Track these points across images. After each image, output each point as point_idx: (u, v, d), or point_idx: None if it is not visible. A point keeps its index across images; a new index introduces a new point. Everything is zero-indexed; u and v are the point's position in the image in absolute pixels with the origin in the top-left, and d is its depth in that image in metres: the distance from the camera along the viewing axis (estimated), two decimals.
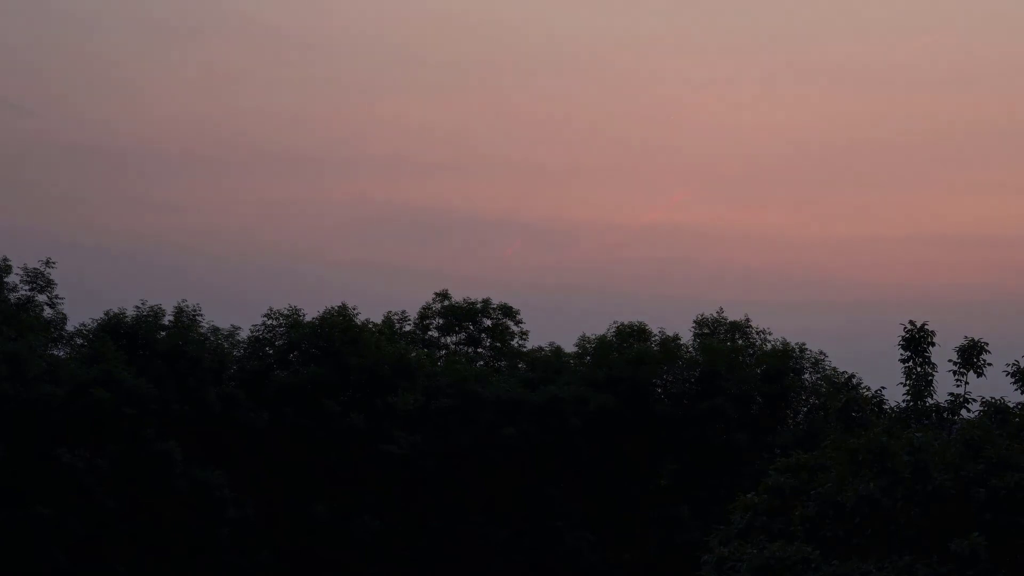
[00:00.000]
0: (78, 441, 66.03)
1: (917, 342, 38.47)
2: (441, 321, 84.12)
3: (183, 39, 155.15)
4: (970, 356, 37.89)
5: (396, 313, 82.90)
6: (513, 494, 73.87)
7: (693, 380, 76.11)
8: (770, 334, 79.07)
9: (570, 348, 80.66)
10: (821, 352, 77.27)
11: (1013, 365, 37.55)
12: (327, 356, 74.04)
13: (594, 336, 79.45)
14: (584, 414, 73.70)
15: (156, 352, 70.87)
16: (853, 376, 42.19)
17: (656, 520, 72.90)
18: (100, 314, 72.21)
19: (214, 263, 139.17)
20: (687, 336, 78.86)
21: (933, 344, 38.53)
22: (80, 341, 71.63)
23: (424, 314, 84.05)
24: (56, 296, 71.02)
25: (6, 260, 69.20)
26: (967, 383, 38.11)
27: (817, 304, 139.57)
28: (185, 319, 72.82)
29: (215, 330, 73.85)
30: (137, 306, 72.57)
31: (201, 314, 73.62)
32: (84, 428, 66.49)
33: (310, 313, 75.97)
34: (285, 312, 75.69)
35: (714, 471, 73.15)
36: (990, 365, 37.98)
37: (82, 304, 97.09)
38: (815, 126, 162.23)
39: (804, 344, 77.30)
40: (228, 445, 70.87)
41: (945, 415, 38.18)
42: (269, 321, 75.42)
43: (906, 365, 38.55)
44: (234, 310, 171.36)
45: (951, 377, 38.11)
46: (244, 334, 75.02)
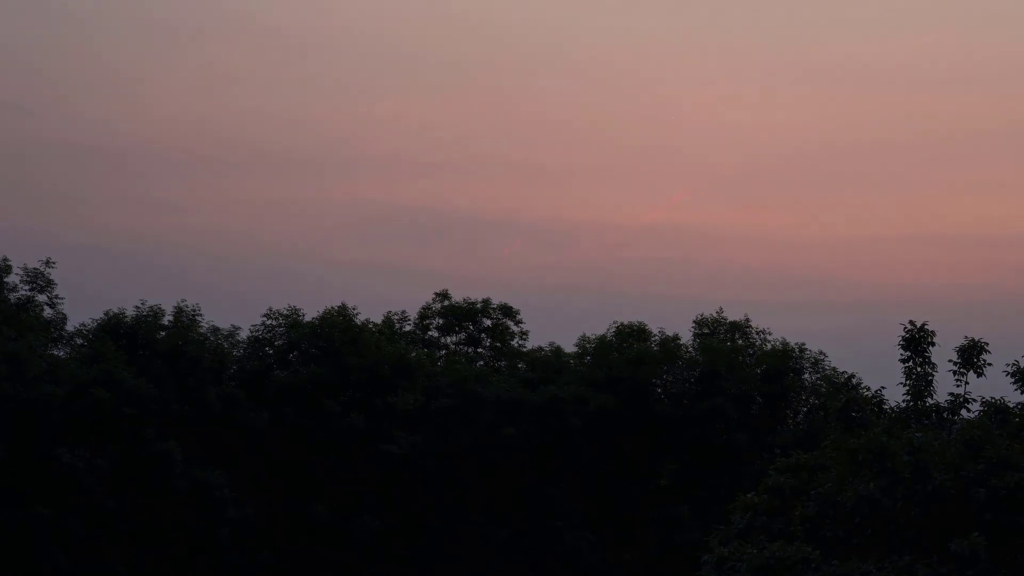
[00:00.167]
0: (78, 441, 66.02)
1: (917, 342, 38.46)
2: (441, 321, 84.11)
3: (183, 39, 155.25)
4: (970, 356, 37.89)
5: (396, 313, 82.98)
6: (513, 494, 73.86)
7: (693, 380, 76.09)
8: (770, 334, 79.20)
9: (570, 348, 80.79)
10: (821, 352, 77.42)
11: (1013, 365, 37.54)
12: (327, 356, 74.03)
13: (594, 336, 79.53)
14: (584, 414, 73.69)
15: (156, 352, 70.88)
16: (853, 376, 42.22)
17: (656, 520, 72.89)
18: (100, 314, 72.37)
19: (214, 263, 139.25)
20: (687, 336, 79.02)
21: (933, 344, 38.52)
22: (80, 341, 71.63)
23: (424, 314, 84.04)
24: (56, 296, 71.12)
25: (6, 260, 69.25)
26: (967, 383, 38.10)
27: (817, 304, 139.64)
28: (185, 319, 72.83)
29: (215, 330, 73.88)
30: (137, 306, 72.71)
31: (201, 314, 73.78)
32: (84, 428, 66.48)
33: (310, 313, 76.13)
34: (285, 312, 75.71)
35: (714, 471, 73.14)
36: (990, 365, 37.98)
37: (82, 304, 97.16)
38: (815, 126, 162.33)
39: (804, 344, 77.40)
40: (228, 445, 70.87)
41: (945, 415, 38.16)
42: (269, 321, 75.45)
43: (906, 365, 38.54)
44: (234, 310, 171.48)
45: (951, 377, 38.14)
46: (244, 334, 75.15)
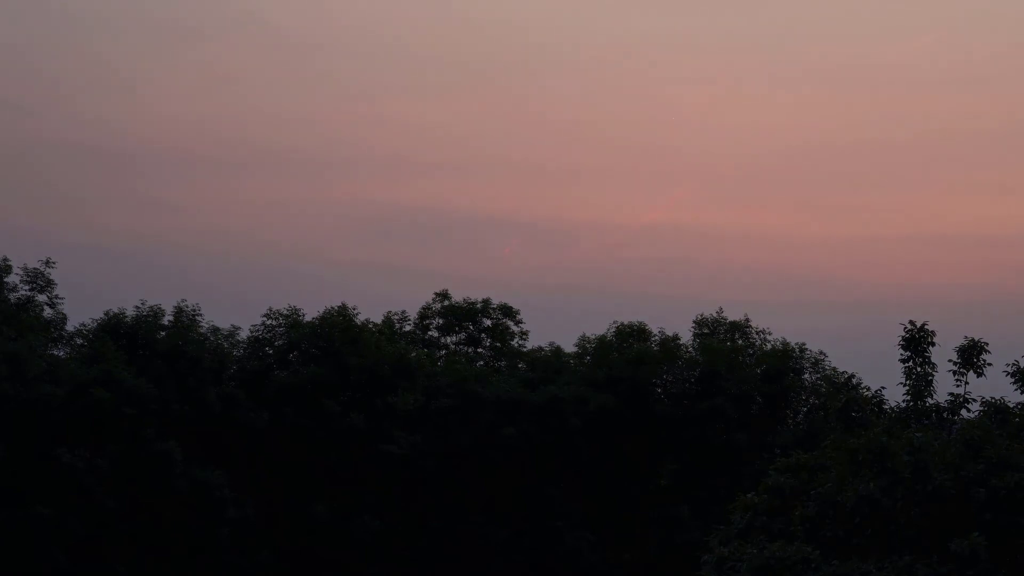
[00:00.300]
0: (78, 441, 66.03)
1: (917, 342, 38.46)
2: (441, 321, 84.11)
3: (183, 38, 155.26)
4: (970, 356, 37.88)
5: (396, 313, 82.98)
6: (513, 494, 73.86)
7: (693, 380, 76.09)
8: (770, 334, 79.20)
9: (570, 348, 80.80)
10: (821, 352, 77.42)
11: (1013, 365, 37.54)
12: (327, 356, 74.03)
13: (594, 336, 79.54)
14: (584, 414, 73.68)
15: (156, 352, 70.88)
16: (853, 376, 42.21)
17: (656, 520, 72.89)
18: (100, 314, 72.39)
19: (214, 263, 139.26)
20: (687, 336, 79.02)
21: (933, 344, 38.52)
22: (80, 341, 71.63)
23: (424, 314, 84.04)
24: (56, 296, 71.14)
25: (6, 260, 69.27)
26: (967, 383, 38.10)
27: (817, 304, 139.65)
28: (185, 319, 72.83)
29: (215, 330, 73.88)
30: (137, 306, 72.72)
31: (201, 314, 73.78)
32: (84, 428, 66.49)
33: (310, 313, 76.14)
34: (285, 312, 75.71)
35: (714, 471, 73.13)
36: (990, 365, 37.98)
37: (82, 304, 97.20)
38: (815, 126, 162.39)
39: (804, 344, 77.41)
40: (228, 445, 70.88)
41: (945, 415, 38.16)
42: (269, 321, 75.44)
43: (906, 365, 38.54)
44: (234, 310, 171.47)
45: (951, 377, 38.13)
46: (244, 334, 75.16)
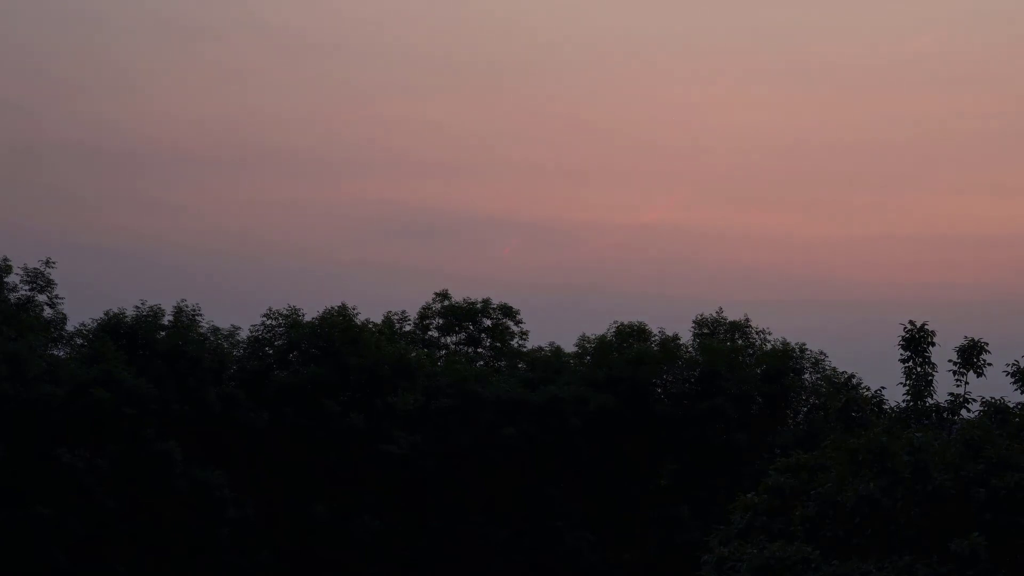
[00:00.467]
0: (78, 441, 66.03)
1: (917, 342, 38.46)
2: (441, 321, 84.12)
3: (184, 38, 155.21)
4: (970, 356, 37.88)
5: (396, 313, 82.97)
6: (513, 494, 73.86)
7: (693, 380, 76.10)
8: (770, 334, 79.23)
9: (570, 348, 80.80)
10: (821, 352, 77.46)
11: (1013, 365, 37.53)
12: (327, 356, 74.02)
13: (594, 336, 79.53)
14: (584, 414, 73.69)
15: (156, 352, 70.87)
16: (853, 376, 42.20)
17: (656, 520, 72.90)
18: (100, 314, 72.35)
19: (214, 263, 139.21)
20: (687, 336, 79.03)
21: (933, 344, 38.52)
22: (80, 341, 71.63)
23: (424, 314, 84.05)
24: (56, 296, 71.12)
25: (6, 260, 69.23)
26: (967, 383, 38.09)
27: (817, 304, 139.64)
28: (185, 319, 72.82)
29: (215, 330, 73.86)
30: (137, 306, 72.69)
31: (201, 314, 73.75)
32: (84, 428, 66.49)
33: (310, 313, 76.10)
34: (285, 312, 75.68)
35: (714, 471, 73.15)
36: (990, 365, 37.97)
37: (82, 304, 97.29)
38: (815, 126, 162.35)
39: (804, 344, 77.43)
40: (228, 445, 70.87)
41: (945, 415, 38.16)
42: (269, 321, 75.42)
43: (906, 365, 38.54)
44: (234, 310, 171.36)
45: (951, 377, 38.13)
46: (244, 334, 75.11)
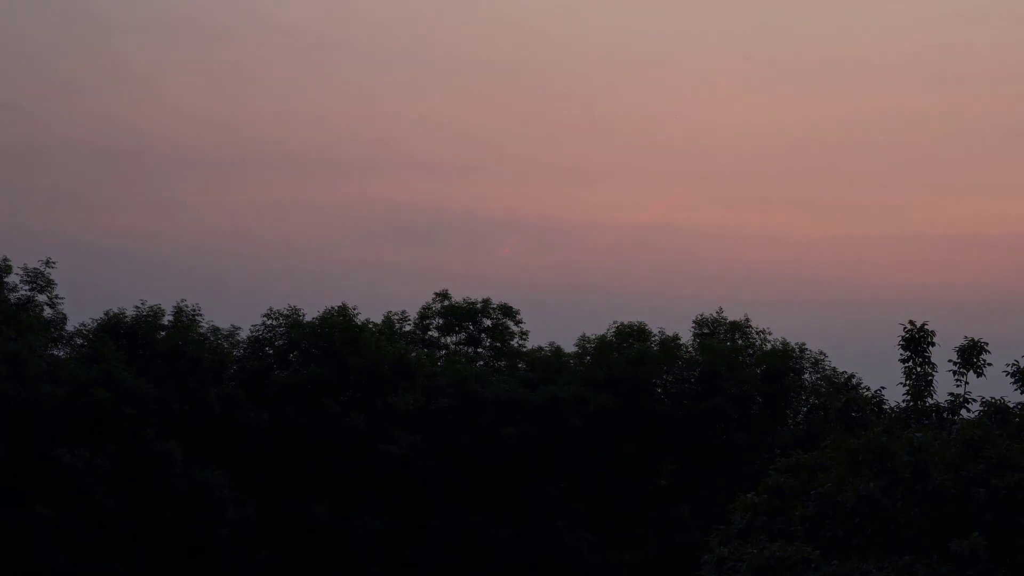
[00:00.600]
0: (78, 441, 66.04)
1: (917, 342, 38.46)
2: (441, 321, 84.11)
3: (187, 38, 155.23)
4: (970, 356, 37.88)
5: (396, 313, 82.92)
6: (513, 494, 73.86)
7: (693, 380, 76.09)
8: (770, 334, 79.22)
9: (570, 348, 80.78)
10: (821, 352, 77.43)
11: (1013, 365, 37.52)
12: (327, 356, 74.02)
13: (594, 336, 79.51)
14: (584, 414, 73.68)
15: (156, 352, 70.88)
16: (853, 376, 42.20)
17: (656, 520, 72.90)
18: (100, 314, 72.39)
19: (214, 263, 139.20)
20: (687, 336, 79.01)
21: (933, 344, 38.52)
22: (80, 341, 71.65)
23: (424, 314, 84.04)
24: (56, 296, 71.21)
25: (6, 260, 69.29)
26: (967, 383, 38.09)
27: (817, 304, 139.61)
28: (185, 319, 72.83)
29: (215, 330, 73.87)
30: (137, 306, 72.71)
31: (201, 314, 73.78)
32: (84, 428, 66.50)
33: (310, 313, 76.10)
34: (285, 312, 75.69)
35: (714, 471, 73.14)
36: (990, 365, 37.97)
37: (82, 304, 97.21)
38: (814, 126, 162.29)
39: (804, 344, 77.43)
40: (228, 445, 70.87)
41: (945, 415, 38.16)
42: (269, 321, 75.42)
43: (906, 365, 38.54)
44: (234, 310, 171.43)
45: (951, 377, 38.13)
46: (244, 334, 75.11)
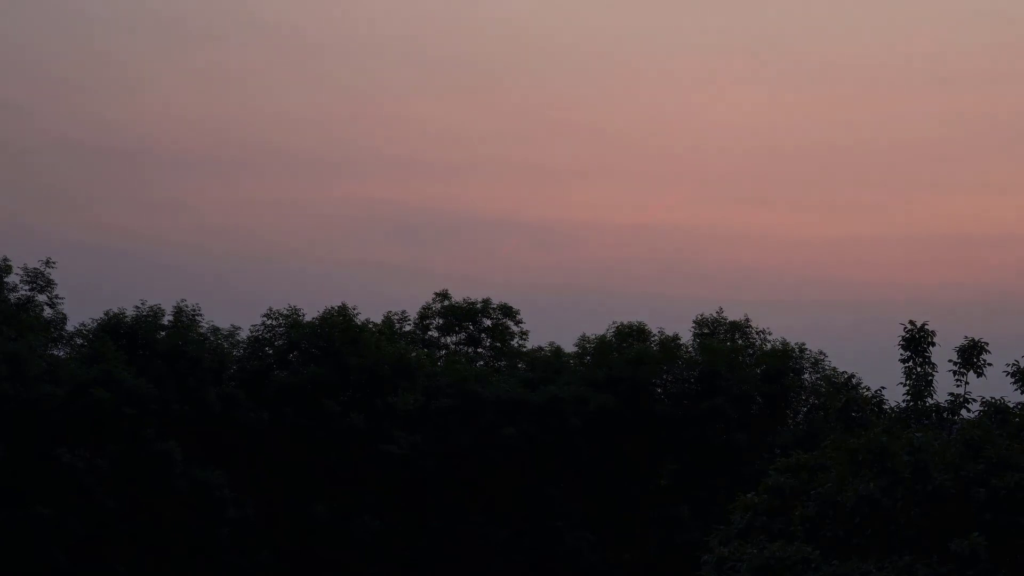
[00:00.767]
0: (78, 441, 66.05)
1: (917, 342, 38.44)
2: (441, 321, 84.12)
3: (183, 38, 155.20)
4: (970, 356, 37.85)
5: (396, 313, 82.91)
6: (513, 494, 73.87)
7: (693, 380, 76.09)
8: (770, 334, 79.22)
9: (570, 348, 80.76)
10: (821, 352, 77.44)
11: (1013, 365, 37.48)
12: (327, 356, 74.03)
13: (594, 336, 79.49)
14: (584, 414, 73.69)
15: (156, 352, 70.89)
16: (853, 376, 42.16)
17: (656, 520, 72.91)
18: (100, 314, 72.39)
19: (214, 263, 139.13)
20: (687, 336, 79.01)
21: (933, 344, 38.48)
22: (80, 341, 71.67)
23: (424, 314, 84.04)
24: (56, 296, 71.22)
25: (6, 260, 69.30)
26: (967, 383, 38.05)
27: (817, 304, 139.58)
28: (185, 319, 72.85)
29: (215, 330, 73.89)
30: (137, 306, 72.72)
31: (201, 314, 73.77)
32: (84, 428, 66.51)
33: (310, 313, 76.10)
34: (285, 312, 75.69)
35: (714, 471, 73.15)
36: (990, 365, 37.91)
37: (82, 304, 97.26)
38: (815, 126, 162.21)
39: (804, 344, 77.45)
40: (228, 445, 70.88)
41: (945, 415, 38.13)
42: (269, 321, 75.43)
43: (906, 365, 38.50)
44: (234, 310, 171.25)
45: (951, 377, 38.07)
46: (244, 334, 75.11)
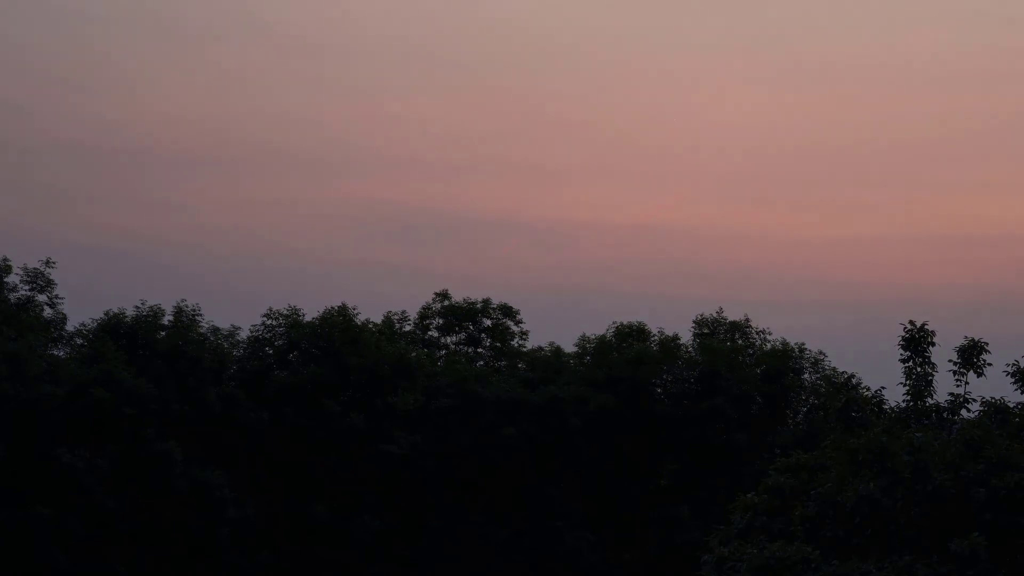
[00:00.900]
0: (78, 441, 66.07)
1: (917, 342, 38.45)
2: (441, 321, 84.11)
3: (183, 38, 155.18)
4: (970, 356, 37.86)
5: (396, 313, 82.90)
6: (513, 494, 73.87)
7: (693, 380, 76.09)
8: (770, 334, 79.22)
9: (570, 348, 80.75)
10: (821, 352, 77.43)
11: (1013, 365, 37.50)
12: (327, 356, 74.03)
13: (594, 336, 79.48)
14: (584, 414, 73.70)
15: (156, 352, 70.90)
16: (853, 376, 42.16)
17: (656, 520, 72.92)
18: (100, 314, 72.40)
19: (214, 263, 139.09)
20: (687, 336, 79.01)
21: (933, 344, 38.50)
22: (80, 341, 71.68)
23: (424, 314, 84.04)
24: (56, 296, 71.24)
25: (6, 260, 69.32)
26: (967, 383, 38.07)
27: (817, 304, 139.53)
28: (185, 319, 72.87)
29: (215, 330, 73.89)
30: (137, 306, 72.73)
31: (201, 314, 73.78)
32: (84, 428, 66.53)
33: (310, 313, 76.10)
34: (285, 312, 75.70)
35: (714, 471, 73.16)
36: (990, 365, 37.94)
37: (82, 304, 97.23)
38: (814, 126, 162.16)
39: (804, 344, 77.45)
40: (228, 445, 70.90)
41: (945, 415, 38.15)
42: (269, 321, 75.44)
43: (906, 365, 38.51)
44: (234, 310, 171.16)
45: (951, 377, 38.10)
46: (244, 334, 75.11)
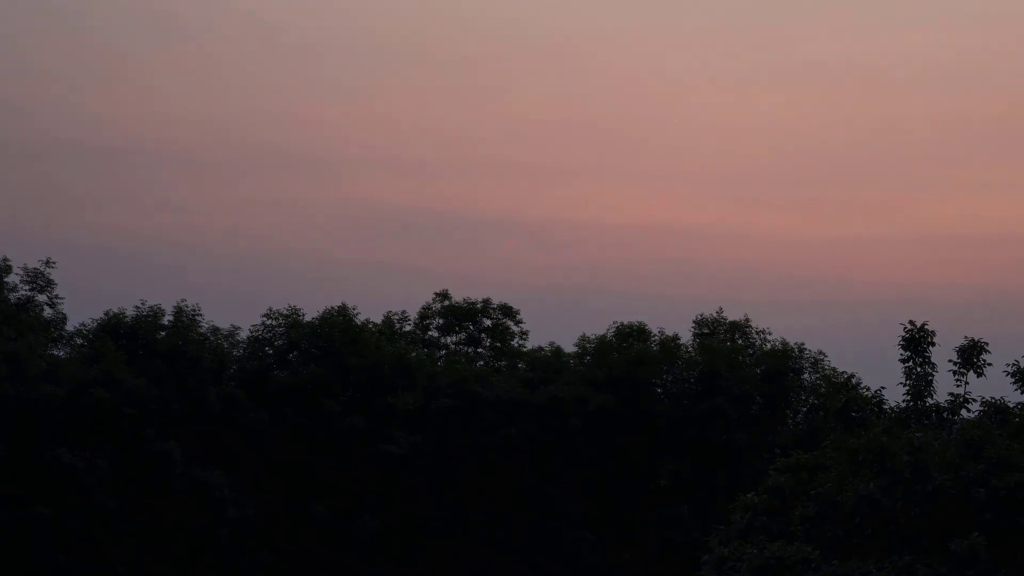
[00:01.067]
0: (78, 441, 66.09)
1: (917, 342, 38.45)
2: (441, 321, 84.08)
3: (183, 37, 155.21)
4: (970, 356, 37.87)
5: (396, 313, 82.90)
6: (513, 494, 73.86)
7: (693, 380, 76.08)
8: (770, 334, 79.18)
9: (570, 348, 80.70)
10: (821, 352, 77.37)
11: (1013, 365, 37.51)
12: (327, 356, 74.04)
13: (594, 336, 79.44)
14: (584, 414, 73.68)
15: (156, 352, 70.91)
16: (853, 376, 42.16)
17: (656, 520, 72.89)
18: (100, 314, 72.45)
19: (214, 263, 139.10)
20: (687, 336, 78.98)
21: (933, 344, 38.50)
22: (80, 341, 71.70)
23: (424, 314, 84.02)
24: (56, 296, 71.35)
25: (6, 260, 69.41)
26: (967, 383, 38.08)
27: (817, 304, 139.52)
28: (185, 319, 72.88)
29: (215, 330, 73.91)
30: (137, 306, 72.76)
31: (201, 314, 73.82)
32: (84, 428, 66.54)
33: (310, 313, 76.13)
34: (285, 312, 75.71)
35: (714, 471, 73.15)
36: (990, 365, 37.94)
37: (82, 304, 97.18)
38: (814, 126, 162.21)
39: (804, 344, 77.40)
40: (228, 445, 70.91)
41: (945, 415, 38.15)
42: (269, 321, 75.45)
43: (906, 365, 38.52)
44: (234, 310, 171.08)
45: (951, 377, 38.11)
46: (244, 334, 75.14)
